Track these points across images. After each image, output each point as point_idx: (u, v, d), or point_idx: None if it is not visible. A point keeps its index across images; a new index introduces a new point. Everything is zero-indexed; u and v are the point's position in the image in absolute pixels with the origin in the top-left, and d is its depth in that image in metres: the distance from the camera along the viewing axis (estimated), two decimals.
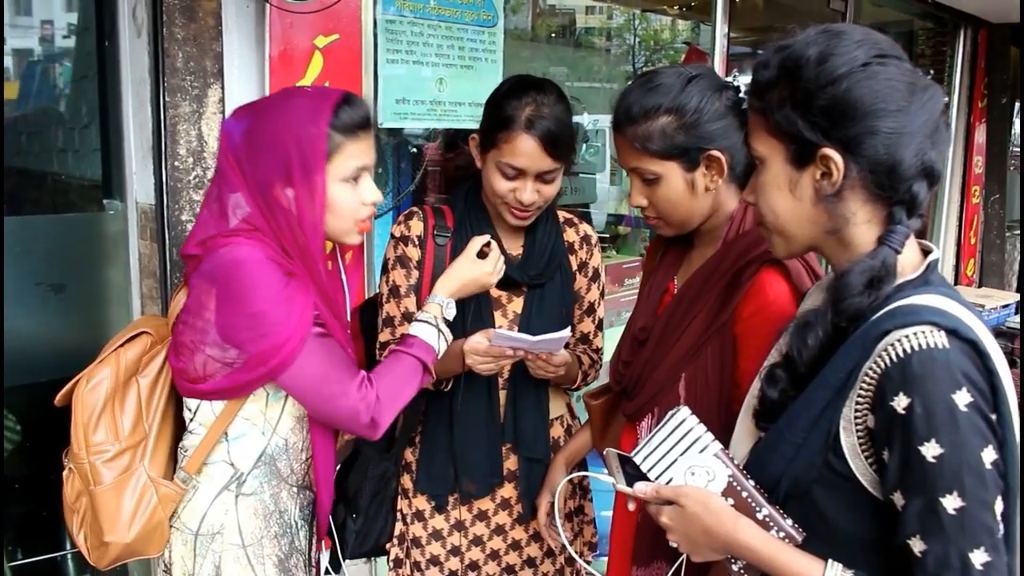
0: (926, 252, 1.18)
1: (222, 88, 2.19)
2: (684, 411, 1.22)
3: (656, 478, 1.23)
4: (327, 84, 2.30)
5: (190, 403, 1.57)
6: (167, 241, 2.18)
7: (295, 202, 1.46)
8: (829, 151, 1.10)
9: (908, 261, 1.14)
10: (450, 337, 1.69)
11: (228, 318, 1.42)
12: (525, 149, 1.74)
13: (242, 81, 2.22)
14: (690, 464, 1.20)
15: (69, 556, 2.54)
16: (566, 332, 1.72)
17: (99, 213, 2.48)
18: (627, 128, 1.51)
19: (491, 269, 1.75)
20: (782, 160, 1.16)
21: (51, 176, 3.11)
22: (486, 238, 1.79)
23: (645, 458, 1.24)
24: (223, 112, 2.20)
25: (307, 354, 1.44)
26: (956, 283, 6.52)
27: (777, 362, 1.21)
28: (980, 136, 6.31)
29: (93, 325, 2.52)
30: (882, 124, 1.08)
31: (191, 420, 1.57)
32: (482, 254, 1.78)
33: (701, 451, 1.20)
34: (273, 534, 1.61)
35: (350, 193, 1.52)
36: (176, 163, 2.14)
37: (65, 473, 1.57)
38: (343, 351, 1.54)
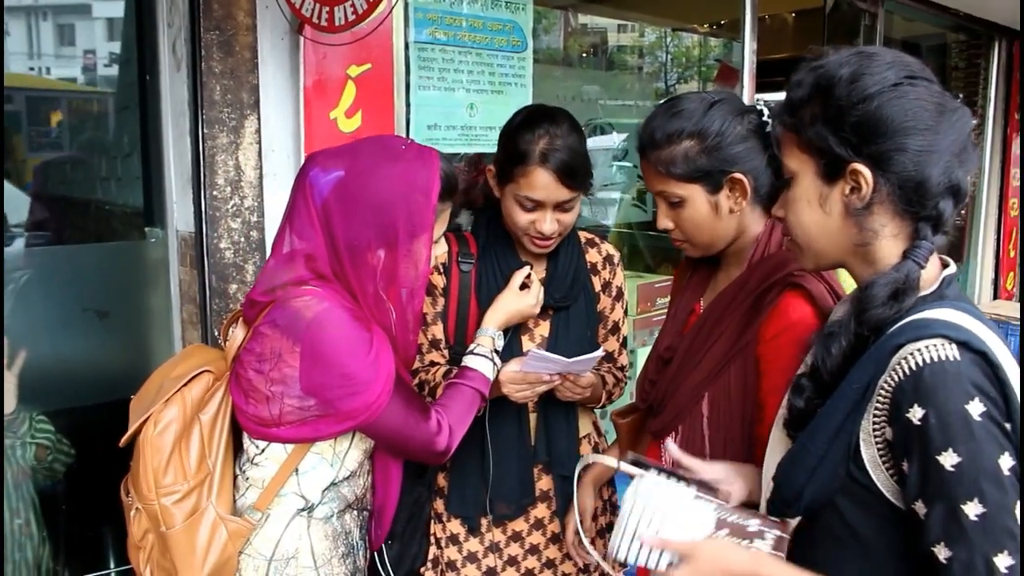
0: (946, 267, 1.20)
1: (258, 119, 2.25)
2: (632, 486, 1.27)
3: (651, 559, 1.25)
4: (360, 112, 2.35)
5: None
6: (206, 268, 2.24)
7: (389, 264, 1.49)
8: (859, 166, 1.13)
9: (927, 277, 1.16)
10: (500, 365, 1.78)
11: (317, 377, 1.44)
12: (542, 182, 1.75)
13: (278, 112, 2.28)
14: (680, 521, 1.23)
15: (114, 574, 2.60)
16: (599, 353, 1.74)
17: (141, 241, 2.55)
18: (651, 153, 1.54)
19: (534, 301, 1.87)
20: (812, 175, 1.19)
21: (95, 204, 3.20)
22: (527, 271, 1.90)
23: (628, 551, 1.27)
24: (259, 142, 2.26)
25: (390, 404, 1.49)
26: (996, 297, 6.43)
27: (803, 372, 1.24)
28: (1017, 148, 6.22)
29: (137, 350, 2.58)
30: (911, 142, 1.11)
31: (258, 454, 1.55)
32: (524, 285, 1.89)
33: (682, 505, 1.24)
34: (340, 554, 1.64)
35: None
36: (215, 192, 2.21)
37: (132, 513, 1.56)
38: (411, 390, 1.61)
